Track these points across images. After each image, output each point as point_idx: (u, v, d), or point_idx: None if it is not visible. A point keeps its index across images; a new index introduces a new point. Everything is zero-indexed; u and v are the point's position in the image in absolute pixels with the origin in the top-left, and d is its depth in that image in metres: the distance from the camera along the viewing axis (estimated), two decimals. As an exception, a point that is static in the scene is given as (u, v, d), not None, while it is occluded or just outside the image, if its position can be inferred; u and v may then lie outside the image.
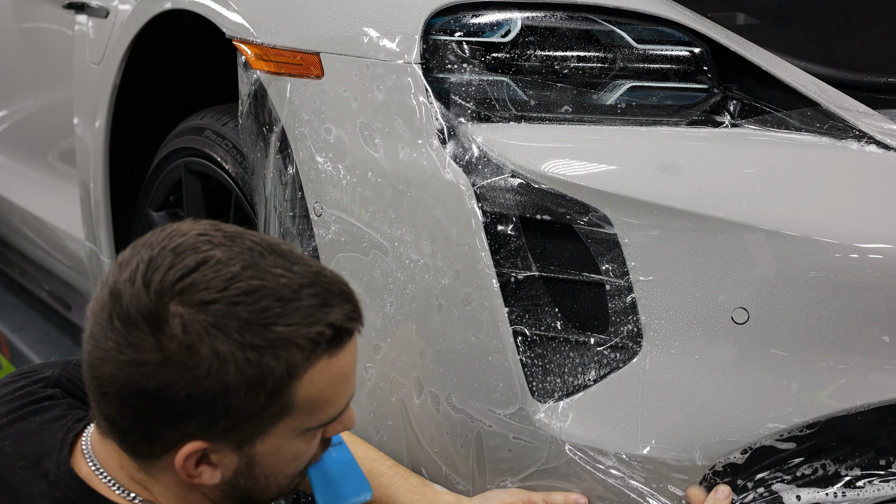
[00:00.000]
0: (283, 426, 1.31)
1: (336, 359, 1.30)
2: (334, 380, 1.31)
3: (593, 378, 1.68)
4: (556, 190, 1.65)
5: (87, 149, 2.67)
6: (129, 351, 1.25)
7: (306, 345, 1.26)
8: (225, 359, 1.24)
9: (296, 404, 1.29)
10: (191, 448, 1.28)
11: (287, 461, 1.35)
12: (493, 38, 1.74)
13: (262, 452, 1.32)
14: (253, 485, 1.35)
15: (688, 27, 1.75)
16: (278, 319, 1.25)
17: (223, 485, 1.34)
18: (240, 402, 1.25)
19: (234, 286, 1.25)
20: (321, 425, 1.34)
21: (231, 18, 1.98)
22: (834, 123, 1.71)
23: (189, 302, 1.24)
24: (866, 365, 1.64)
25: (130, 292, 1.25)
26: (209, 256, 1.26)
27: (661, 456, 1.65)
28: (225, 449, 1.30)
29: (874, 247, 1.61)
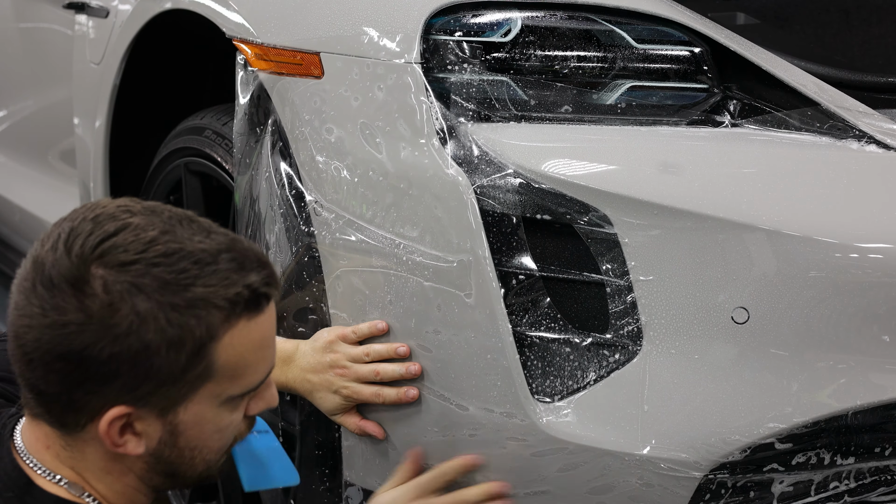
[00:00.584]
0: (205, 392, 1.33)
1: (254, 322, 1.34)
2: (254, 344, 1.34)
3: (593, 378, 1.68)
4: (556, 189, 1.65)
5: (87, 149, 2.67)
6: (53, 313, 1.28)
7: (225, 305, 1.30)
8: (145, 317, 1.27)
9: (216, 368, 1.32)
10: (115, 413, 1.31)
11: (211, 433, 1.37)
12: (493, 38, 1.74)
13: (185, 421, 1.34)
14: (178, 457, 1.37)
15: (688, 27, 1.75)
16: (196, 281, 1.29)
17: (148, 456, 1.36)
18: (161, 362, 1.28)
19: (153, 249, 1.29)
20: (243, 393, 1.37)
21: (231, 18, 1.98)
22: (834, 123, 1.71)
23: (109, 263, 1.28)
24: (866, 365, 1.64)
25: (52, 259, 1.29)
26: (128, 223, 1.31)
27: (661, 456, 1.65)
28: (149, 416, 1.33)
29: (874, 247, 1.61)
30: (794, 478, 1.71)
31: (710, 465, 1.66)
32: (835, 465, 1.71)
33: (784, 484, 1.72)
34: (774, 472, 1.71)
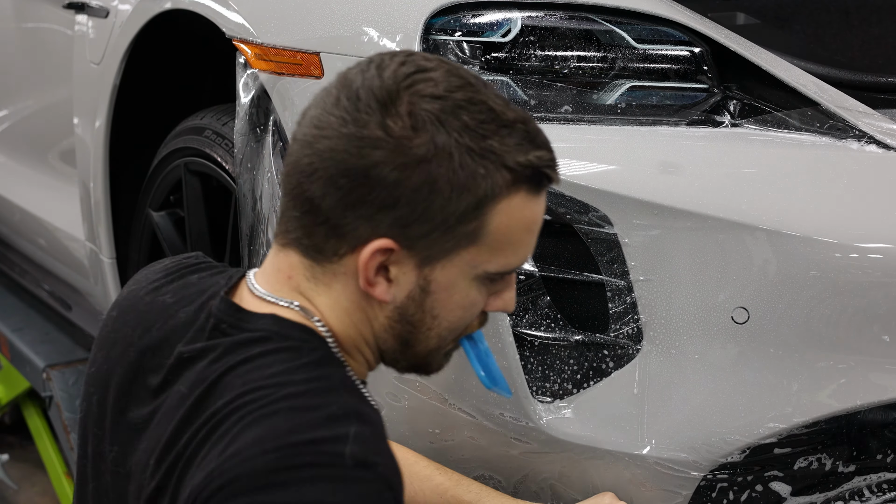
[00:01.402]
0: (466, 256, 1.30)
1: (531, 201, 1.31)
2: (524, 222, 1.32)
3: (593, 378, 1.68)
4: (556, 189, 1.65)
5: (87, 149, 2.67)
6: (352, 125, 1.26)
7: (515, 167, 1.28)
8: (441, 151, 1.25)
9: (485, 232, 1.29)
10: (380, 244, 1.27)
11: (456, 305, 1.34)
12: (493, 38, 1.74)
13: (438, 280, 1.31)
14: (420, 320, 1.34)
15: (688, 27, 1.75)
16: (493, 135, 1.27)
17: (392, 309, 1.33)
18: (441, 203, 1.26)
19: (462, 91, 1.28)
20: (496, 273, 1.33)
21: (231, 18, 1.98)
22: (834, 123, 1.71)
23: (420, 92, 1.26)
24: (866, 365, 1.64)
25: (362, 78, 1.28)
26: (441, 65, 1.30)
27: (661, 455, 1.65)
28: (408, 262, 1.29)
29: (874, 247, 1.61)
30: (798, 481, 1.72)
31: (711, 465, 1.66)
32: (836, 470, 1.72)
33: (786, 484, 1.72)
34: (776, 473, 1.71)
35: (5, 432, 3.84)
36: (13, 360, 3.42)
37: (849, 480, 1.74)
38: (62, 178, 3.18)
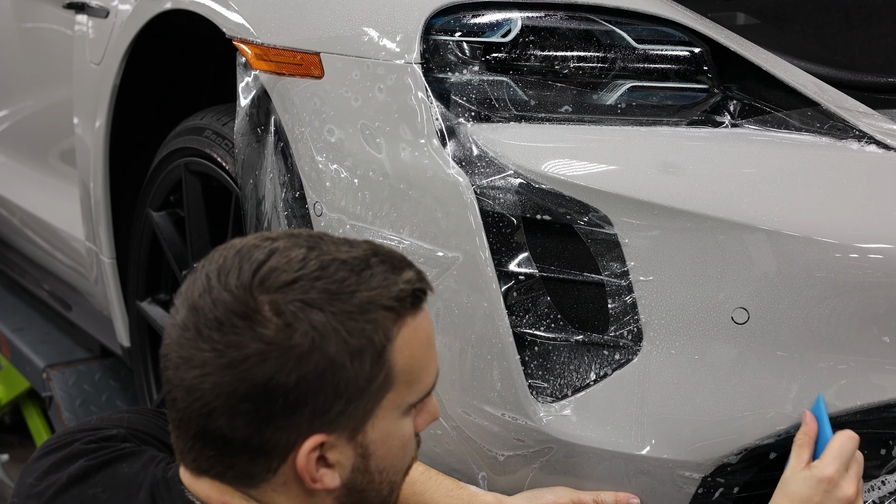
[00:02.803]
0: (388, 404, 1.30)
1: (418, 320, 1.31)
2: (422, 343, 1.32)
3: (593, 378, 1.68)
4: (556, 190, 1.65)
5: (87, 149, 2.67)
6: (230, 351, 1.24)
7: (392, 304, 1.28)
8: (324, 330, 1.24)
9: (395, 373, 1.29)
10: (311, 443, 1.26)
11: (397, 449, 1.34)
12: (493, 38, 1.74)
13: (374, 440, 1.30)
14: (368, 483, 1.33)
15: (688, 27, 1.75)
16: (359, 286, 1.27)
17: (341, 488, 1.32)
18: (347, 375, 1.25)
19: (308, 265, 1.26)
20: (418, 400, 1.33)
21: (231, 18, 1.98)
22: (834, 123, 1.71)
23: (272, 287, 1.25)
24: (866, 365, 1.64)
25: (211, 300, 1.25)
26: (274, 248, 1.28)
27: (661, 455, 1.65)
28: (340, 441, 1.29)
29: (874, 247, 1.61)
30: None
31: (711, 465, 1.66)
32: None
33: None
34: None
35: (5, 432, 3.84)
36: (13, 360, 3.42)
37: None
38: (62, 178, 3.18)
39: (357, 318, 1.25)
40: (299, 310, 1.24)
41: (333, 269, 1.26)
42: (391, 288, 1.28)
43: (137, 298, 2.59)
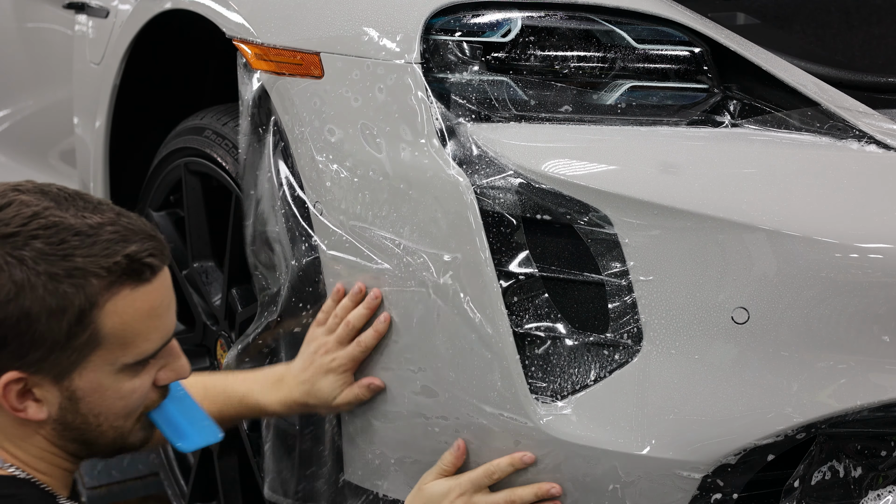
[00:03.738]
0: (97, 360, 1.38)
1: (140, 292, 1.39)
2: (141, 314, 1.39)
3: (593, 378, 1.68)
4: (556, 190, 1.65)
5: (87, 149, 2.67)
6: None
7: (104, 273, 1.35)
8: (22, 285, 1.33)
9: (103, 335, 1.37)
10: (7, 377, 1.36)
11: (113, 399, 1.42)
12: (493, 38, 1.74)
13: (82, 387, 1.39)
14: (83, 423, 1.42)
15: (688, 27, 1.75)
16: (76, 251, 1.35)
17: (53, 422, 1.41)
18: (44, 329, 1.34)
19: (34, 222, 1.35)
20: (138, 362, 1.41)
21: (231, 18, 1.98)
22: (834, 123, 1.71)
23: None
24: (866, 365, 1.64)
25: None
26: (14, 199, 1.37)
27: (661, 456, 1.65)
28: (44, 382, 1.38)
29: (874, 247, 1.61)
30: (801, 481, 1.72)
31: (711, 465, 1.66)
32: (837, 474, 1.72)
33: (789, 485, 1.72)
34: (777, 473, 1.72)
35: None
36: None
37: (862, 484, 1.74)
38: (62, 178, 3.18)
39: (61, 280, 1.34)
40: (4, 262, 1.33)
41: (55, 231, 1.35)
42: (109, 258, 1.36)
43: (137, 298, 2.59)
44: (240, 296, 2.29)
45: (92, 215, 1.38)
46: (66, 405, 1.40)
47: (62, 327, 1.35)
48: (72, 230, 1.35)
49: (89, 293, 1.35)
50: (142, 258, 1.38)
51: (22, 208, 1.36)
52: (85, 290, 1.35)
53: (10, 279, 1.33)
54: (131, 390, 1.43)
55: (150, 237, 1.41)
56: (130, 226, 1.40)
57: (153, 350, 1.43)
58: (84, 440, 1.45)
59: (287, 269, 1.88)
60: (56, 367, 1.37)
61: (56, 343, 1.35)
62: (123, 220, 1.40)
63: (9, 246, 1.33)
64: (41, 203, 1.37)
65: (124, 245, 1.37)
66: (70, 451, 1.46)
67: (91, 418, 1.42)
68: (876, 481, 1.74)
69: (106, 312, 1.36)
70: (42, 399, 1.39)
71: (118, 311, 1.37)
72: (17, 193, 1.38)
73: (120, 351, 1.39)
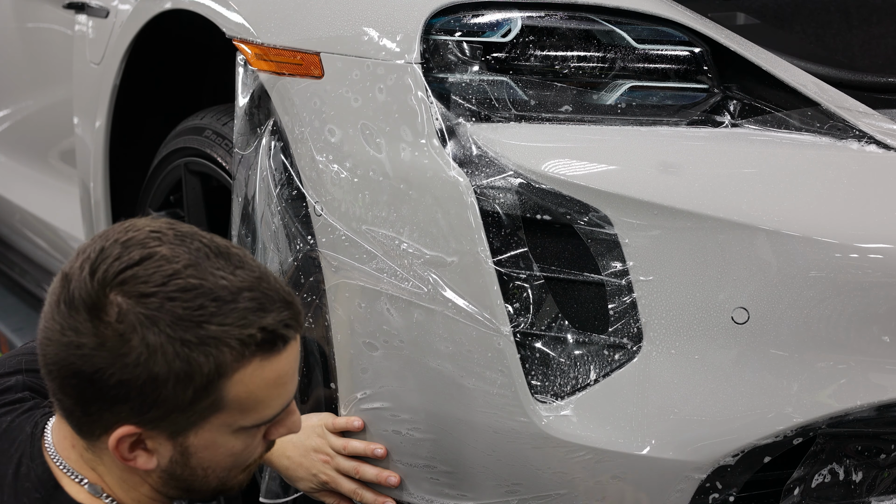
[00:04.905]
0: (216, 422, 1.36)
1: (270, 362, 1.35)
2: (267, 383, 1.36)
3: (593, 378, 1.68)
4: (556, 190, 1.65)
5: (87, 149, 2.67)
6: (70, 333, 1.31)
7: (237, 345, 1.32)
8: (154, 350, 1.29)
9: (226, 402, 1.34)
10: (123, 431, 1.34)
11: (224, 456, 1.40)
12: (493, 38, 1.74)
13: (196, 445, 1.38)
14: (190, 475, 1.41)
15: (688, 27, 1.75)
16: (212, 318, 1.31)
17: (161, 472, 1.40)
18: (168, 393, 1.31)
19: (173, 282, 1.31)
20: (256, 425, 1.39)
21: (231, 18, 1.98)
22: (834, 123, 1.71)
23: (128, 293, 1.30)
24: (866, 365, 1.64)
25: (78, 279, 1.32)
26: (154, 252, 1.32)
27: (661, 456, 1.65)
28: (159, 437, 1.36)
29: (874, 247, 1.61)
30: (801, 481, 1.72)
31: (710, 465, 1.66)
32: (837, 477, 1.72)
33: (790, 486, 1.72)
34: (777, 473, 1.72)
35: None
36: (13, 360, 3.41)
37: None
38: (62, 178, 3.18)
39: (193, 347, 1.30)
40: (139, 323, 1.30)
41: (194, 295, 1.31)
42: (244, 329, 1.32)
43: (137, 298, 2.59)
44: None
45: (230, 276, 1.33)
46: (177, 459, 1.39)
47: (188, 394, 1.32)
48: (210, 295, 1.31)
49: (220, 363, 1.31)
50: (277, 330, 1.34)
51: (163, 264, 1.31)
52: (216, 359, 1.31)
53: (142, 342, 1.29)
54: (243, 448, 1.41)
55: (288, 305, 1.36)
56: (269, 292, 1.35)
57: (273, 415, 1.40)
58: (189, 488, 1.43)
59: (283, 269, 1.88)
60: (174, 425, 1.35)
61: (178, 406, 1.33)
62: (263, 286, 1.34)
63: (145, 307, 1.30)
64: (181, 259, 1.32)
65: (261, 315, 1.33)
66: (171, 495, 1.45)
67: (199, 472, 1.41)
68: (877, 481, 1.74)
69: (233, 382, 1.33)
70: (153, 451, 1.38)
71: (245, 381, 1.34)
72: (158, 244, 1.33)
73: (240, 415, 1.37)
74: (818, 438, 1.68)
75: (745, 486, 1.70)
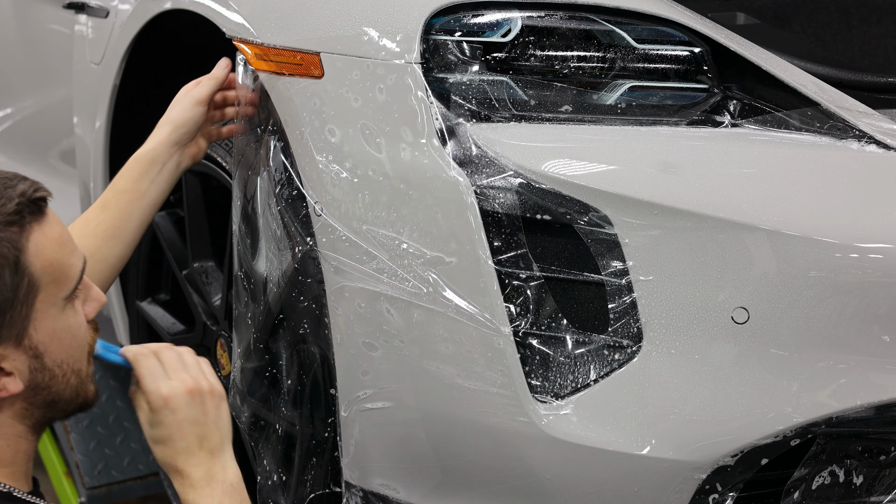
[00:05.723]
0: (42, 304, 1.44)
1: (45, 225, 1.45)
2: (55, 243, 1.46)
3: (593, 378, 1.68)
4: (556, 190, 1.65)
5: (87, 149, 2.67)
6: None
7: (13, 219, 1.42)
8: None
9: (38, 277, 1.43)
10: None
11: (68, 340, 1.48)
12: (493, 38, 1.74)
13: (42, 340, 1.45)
14: (52, 378, 1.47)
15: (688, 27, 1.75)
16: None
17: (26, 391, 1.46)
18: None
19: None
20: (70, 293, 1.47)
21: (231, 18, 1.98)
22: (834, 123, 1.71)
23: None
24: (866, 365, 1.64)
25: None
26: None
27: (661, 456, 1.65)
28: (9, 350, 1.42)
29: (874, 247, 1.61)
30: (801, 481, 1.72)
31: (710, 465, 1.66)
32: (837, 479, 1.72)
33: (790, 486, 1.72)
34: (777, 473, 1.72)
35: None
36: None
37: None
38: (62, 178, 3.18)
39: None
40: None
41: None
42: (8, 204, 1.42)
43: (137, 298, 2.59)
44: (240, 296, 2.29)
45: None
46: (34, 365, 1.45)
47: (5, 282, 1.40)
48: None
49: (11, 241, 1.41)
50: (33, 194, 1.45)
51: None
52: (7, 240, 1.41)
53: None
54: (77, 325, 1.49)
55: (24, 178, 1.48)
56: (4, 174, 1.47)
57: (78, 275, 1.49)
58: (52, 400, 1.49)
59: (283, 269, 1.88)
60: (13, 328, 1.42)
61: (6, 302, 1.40)
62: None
63: None
64: None
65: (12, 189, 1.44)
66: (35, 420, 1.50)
67: (56, 369, 1.47)
68: (877, 481, 1.74)
69: (31, 254, 1.42)
70: (13, 370, 1.44)
71: (39, 248, 1.43)
72: None
73: (55, 287, 1.45)
74: (818, 439, 1.68)
75: (746, 486, 1.70)
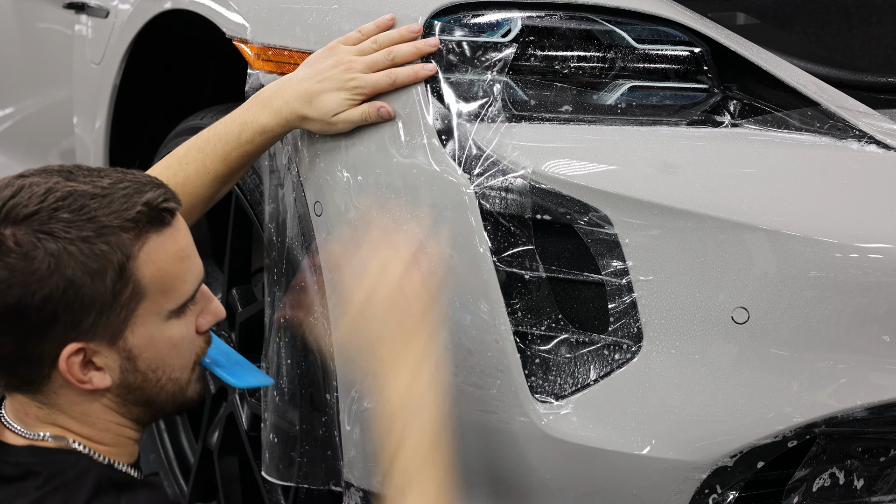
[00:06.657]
0: (144, 312, 1.44)
1: (165, 236, 1.45)
2: (172, 256, 1.46)
3: (593, 378, 1.68)
4: (556, 190, 1.65)
5: (87, 149, 2.67)
6: None
7: (130, 225, 1.42)
8: (59, 255, 1.38)
9: (144, 285, 1.43)
10: (68, 351, 1.41)
11: (166, 350, 1.48)
12: (493, 38, 1.74)
13: (137, 344, 1.45)
14: (144, 381, 1.48)
15: (688, 27, 1.75)
16: (98, 211, 1.41)
17: (117, 388, 1.47)
18: (90, 291, 1.39)
19: (51, 196, 1.40)
20: (180, 307, 1.47)
21: (231, 18, 1.98)
22: (834, 123, 1.71)
23: (15, 220, 1.39)
24: (866, 365, 1.64)
25: None
26: (23, 184, 1.43)
27: (661, 456, 1.66)
28: (101, 347, 1.43)
29: (874, 247, 1.61)
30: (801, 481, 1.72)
31: (711, 465, 1.66)
32: (837, 480, 1.72)
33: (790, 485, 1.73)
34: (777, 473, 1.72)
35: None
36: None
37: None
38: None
39: (94, 241, 1.39)
40: (37, 239, 1.38)
41: (74, 199, 1.41)
42: (129, 210, 1.42)
43: (137, 298, 2.59)
44: (240, 296, 2.29)
45: (100, 178, 1.44)
46: (126, 366, 1.45)
47: (107, 285, 1.40)
48: (87, 195, 1.41)
49: (122, 245, 1.40)
50: (159, 204, 1.44)
51: (34, 188, 1.40)
52: (118, 244, 1.40)
53: (46, 253, 1.37)
54: (180, 337, 1.49)
55: (159, 185, 1.47)
56: (139, 178, 1.46)
57: (191, 291, 1.49)
58: (146, 400, 1.49)
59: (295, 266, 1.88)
60: (109, 328, 1.42)
61: (104, 304, 1.40)
62: (130, 177, 1.46)
63: (34, 224, 1.38)
64: (49, 180, 1.42)
65: (140, 196, 1.43)
66: (134, 416, 1.51)
67: (150, 374, 1.48)
68: (878, 481, 1.74)
69: (141, 262, 1.42)
70: (103, 366, 1.44)
71: (151, 258, 1.43)
72: (22, 179, 1.43)
73: (163, 298, 1.45)
74: (818, 439, 1.68)
75: (746, 486, 1.70)
